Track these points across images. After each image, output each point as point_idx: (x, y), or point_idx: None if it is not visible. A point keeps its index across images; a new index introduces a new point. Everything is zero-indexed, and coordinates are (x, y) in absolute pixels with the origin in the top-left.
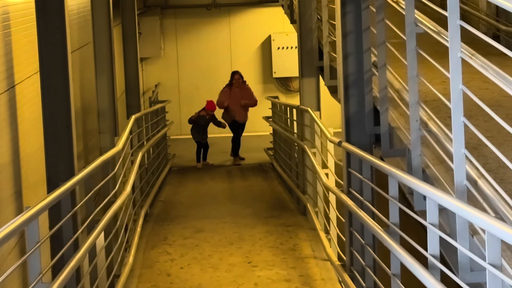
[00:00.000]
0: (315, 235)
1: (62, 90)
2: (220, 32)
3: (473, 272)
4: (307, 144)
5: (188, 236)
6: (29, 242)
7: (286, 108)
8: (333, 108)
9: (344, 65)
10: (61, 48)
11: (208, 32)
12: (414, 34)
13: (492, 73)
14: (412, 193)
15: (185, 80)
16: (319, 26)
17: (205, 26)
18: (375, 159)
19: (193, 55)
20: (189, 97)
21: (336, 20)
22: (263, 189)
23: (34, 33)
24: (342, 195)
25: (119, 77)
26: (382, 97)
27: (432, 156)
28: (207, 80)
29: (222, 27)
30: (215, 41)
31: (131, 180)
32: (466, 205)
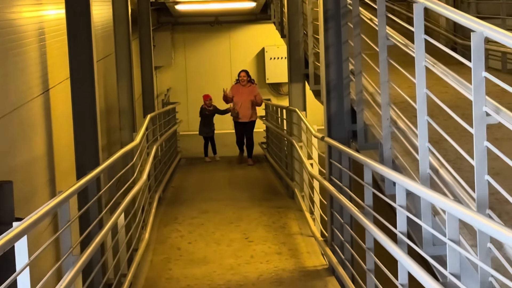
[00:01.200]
0: (301, 215)
1: (88, 93)
2: (222, 45)
3: (435, 246)
4: (295, 139)
5: (195, 216)
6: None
7: (277, 109)
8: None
9: (326, 72)
10: (88, 58)
11: (211, 45)
12: (386, 46)
13: (451, 79)
14: (383, 180)
15: (192, 85)
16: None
17: (209, 39)
18: (352, 151)
19: (199, 64)
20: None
21: (319, 34)
22: (258, 177)
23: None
24: (324, 182)
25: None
26: (358, 99)
27: (400, 149)
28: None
29: (223, 41)
30: (217, 52)
31: (147, 169)
32: (429, 190)
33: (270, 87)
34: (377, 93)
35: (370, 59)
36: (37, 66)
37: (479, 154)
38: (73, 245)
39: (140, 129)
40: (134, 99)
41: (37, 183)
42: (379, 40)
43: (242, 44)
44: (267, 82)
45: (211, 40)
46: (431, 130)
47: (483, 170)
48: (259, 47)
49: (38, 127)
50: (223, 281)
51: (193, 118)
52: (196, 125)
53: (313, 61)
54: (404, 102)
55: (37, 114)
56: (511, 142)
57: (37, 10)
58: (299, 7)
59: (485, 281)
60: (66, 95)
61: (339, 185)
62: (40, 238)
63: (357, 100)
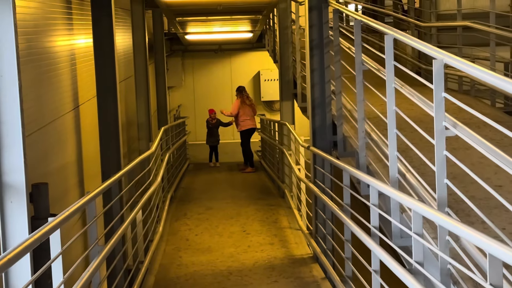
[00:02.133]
0: (290, 212)
1: (112, 109)
2: (224, 68)
3: (403, 238)
4: (285, 148)
5: (201, 212)
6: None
7: (270, 122)
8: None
9: (312, 92)
10: (112, 79)
11: (215, 69)
12: (361, 70)
13: (416, 98)
14: (359, 182)
15: (199, 102)
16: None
17: (213, 64)
18: (333, 158)
19: (204, 85)
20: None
21: (306, 60)
22: (254, 180)
23: (92, 68)
24: (310, 184)
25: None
26: (338, 114)
27: (373, 156)
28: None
29: (225, 65)
30: (220, 74)
31: (161, 173)
32: (398, 191)
33: (264, 104)
34: (354, 109)
35: (348, 81)
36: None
37: (439, 161)
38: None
39: (155, 139)
40: (150, 114)
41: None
42: (356, 65)
43: (241, 68)
44: (262, 100)
45: (215, 65)
46: (399, 141)
47: (442, 175)
48: (256, 71)
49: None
50: (224, 267)
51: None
52: (203, 136)
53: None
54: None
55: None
56: (466, 151)
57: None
58: (289, 37)
59: (444, 268)
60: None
61: (322, 187)
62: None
63: (337, 116)
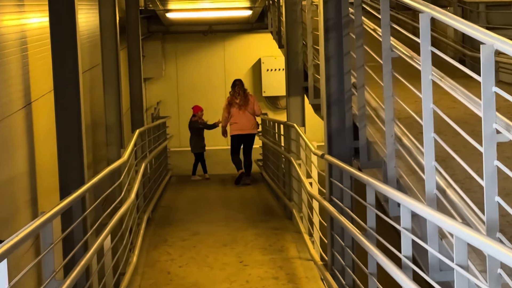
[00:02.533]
0: (300, 237)
1: (74, 106)
2: (216, 55)
3: (442, 272)
4: (293, 156)
5: (186, 238)
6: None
7: (274, 124)
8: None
9: (327, 85)
10: (73, 69)
11: (204, 55)
12: (390, 58)
13: (459, 94)
14: (387, 200)
15: (184, 98)
16: (304, 51)
17: (202, 50)
18: (354, 170)
19: (191, 76)
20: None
21: (320, 45)
22: (254, 196)
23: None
24: (324, 202)
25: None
26: (360, 114)
27: (405, 167)
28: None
29: (217, 51)
30: (211, 63)
31: (135, 188)
32: (436, 211)
33: (266, 101)
34: (381, 108)
35: (373, 72)
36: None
37: (488, 174)
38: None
39: (128, 145)
40: (122, 113)
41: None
42: (383, 52)
43: (237, 55)
44: (264, 95)
45: (204, 50)
46: (438, 148)
47: (493, 191)
48: (255, 58)
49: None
50: None
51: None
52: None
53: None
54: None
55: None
56: None
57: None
58: (298, 16)
59: None
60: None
61: (340, 206)
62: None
63: (359, 115)
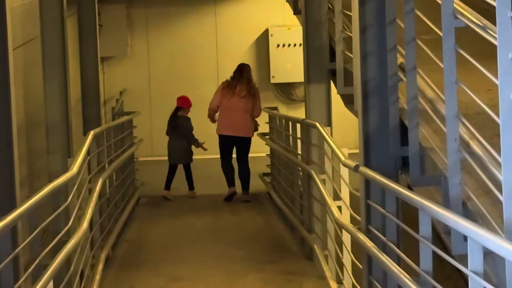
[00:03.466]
0: (324, 285)
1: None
2: (204, 25)
3: None
4: (315, 169)
5: (161, 286)
6: None
7: (287, 122)
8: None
9: (363, 68)
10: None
11: (188, 25)
12: (453, 28)
13: None
14: (449, 232)
15: (158, 86)
16: (331, 18)
17: (184, 17)
18: (402, 188)
19: (169, 55)
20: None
21: (352, 10)
22: (257, 226)
23: None
24: (359, 235)
25: (74, 81)
26: (411, 109)
27: (475, 185)
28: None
29: (206, 19)
30: (197, 36)
31: (89, 214)
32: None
33: (276, 90)
34: (440, 99)
35: (429, 48)
36: None
37: None
38: None
39: (78, 153)
40: (69, 108)
41: None
42: (443, 20)
43: (235, 25)
44: (272, 82)
45: (187, 18)
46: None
47: None
48: (261, 29)
49: None
50: None
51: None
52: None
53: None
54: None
55: None
56: None
57: None
58: None
59: None
60: None
61: (382, 240)
62: None
63: (409, 111)
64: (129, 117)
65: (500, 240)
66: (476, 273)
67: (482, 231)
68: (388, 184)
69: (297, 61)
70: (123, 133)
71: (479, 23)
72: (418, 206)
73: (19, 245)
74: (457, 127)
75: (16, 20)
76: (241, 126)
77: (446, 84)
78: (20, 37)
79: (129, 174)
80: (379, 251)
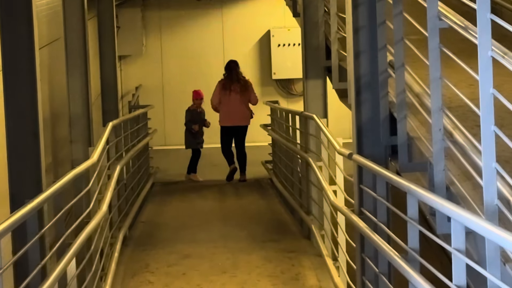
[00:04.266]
0: (321, 262)
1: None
2: (212, 26)
3: None
4: (312, 157)
5: (173, 263)
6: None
7: (287, 114)
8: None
9: (356, 65)
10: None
11: (197, 27)
12: (437, 29)
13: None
14: (434, 214)
15: (171, 81)
16: (327, 20)
17: (194, 19)
18: (391, 174)
19: (180, 53)
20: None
21: (346, 13)
22: (260, 209)
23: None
24: (352, 216)
25: (94, 78)
26: (399, 102)
27: (457, 171)
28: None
29: (213, 21)
30: (206, 36)
31: (108, 198)
32: (498, 227)
33: (277, 85)
34: (426, 94)
35: (416, 47)
36: None
37: None
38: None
39: (98, 143)
40: (90, 101)
41: None
42: (429, 21)
43: (240, 26)
44: (274, 78)
45: (196, 20)
46: (500, 146)
47: None
48: (263, 30)
49: None
50: None
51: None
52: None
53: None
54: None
55: None
56: None
57: None
58: None
59: None
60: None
61: (373, 221)
62: None
63: (398, 104)
64: (144, 110)
65: (480, 220)
66: (458, 251)
67: (464, 213)
68: (379, 170)
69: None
70: (138, 124)
71: (461, 24)
72: (406, 190)
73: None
74: (442, 118)
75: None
76: (239, 116)
77: (432, 80)
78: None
79: (144, 162)
80: (370, 231)
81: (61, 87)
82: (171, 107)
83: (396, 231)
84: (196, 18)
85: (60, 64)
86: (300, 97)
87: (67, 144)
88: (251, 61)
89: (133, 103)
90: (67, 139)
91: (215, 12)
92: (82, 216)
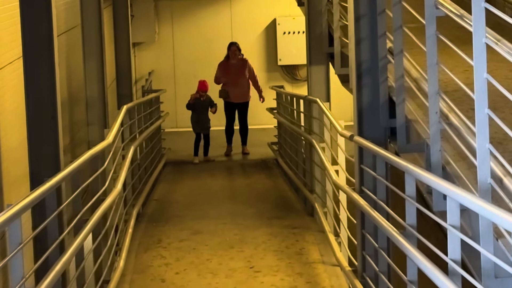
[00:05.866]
0: (323, 238)
1: (47, 77)
2: (220, 15)
3: (498, 279)
4: (315, 138)
5: (184, 238)
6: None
7: (292, 98)
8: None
9: (357, 51)
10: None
11: (207, 15)
12: (434, 17)
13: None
14: (430, 192)
15: (182, 67)
16: (330, 9)
17: (204, 8)
18: (390, 154)
19: (190, 40)
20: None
21: (348, 2)
22: (266, 188)
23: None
24: (353, 194)
25: (110, 63)
26: (398, 86)
27: (453, 151)
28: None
29: (222, 10)
30: (215, 25)
31: (122, 177)
32: (491, 205)
33: (283, 71)
34: (423, 78)
35: (414, 35)
36: None
37: None
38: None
39: (113, 125)
40: (106, 86)
41: None
42: (426, 10)
43: (247, 15)
44: (279, 64)
45: (207, 9)
46: (493, 128)
47: None
48: (269, 19)
49: None
50: None
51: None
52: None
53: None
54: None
55: None
56: None
57: None
58: None
59: None
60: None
61: (373, 199)
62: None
63: (396, 88)
64: (156, 94)
65: (474, 198)
66: (454, 227)
67: (459, 191)
68: (379, 151)
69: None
70: (151, 107)
71: (457, 13)
72: (404, 170)
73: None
74: (438, 102)
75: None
76: (241, 94)
77: (429, 65)
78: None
79: (156, 143)
80: (370, 208)
81: (78, 72)
82: (182, 91)
83: (395, 208)
84: (206, 7)
85: (77, 51)
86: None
87: (84, 126)
88: (258, 48)
89: (146, 88)
90: (84, 122)
91: (224, 2)
92: (98, 194)
